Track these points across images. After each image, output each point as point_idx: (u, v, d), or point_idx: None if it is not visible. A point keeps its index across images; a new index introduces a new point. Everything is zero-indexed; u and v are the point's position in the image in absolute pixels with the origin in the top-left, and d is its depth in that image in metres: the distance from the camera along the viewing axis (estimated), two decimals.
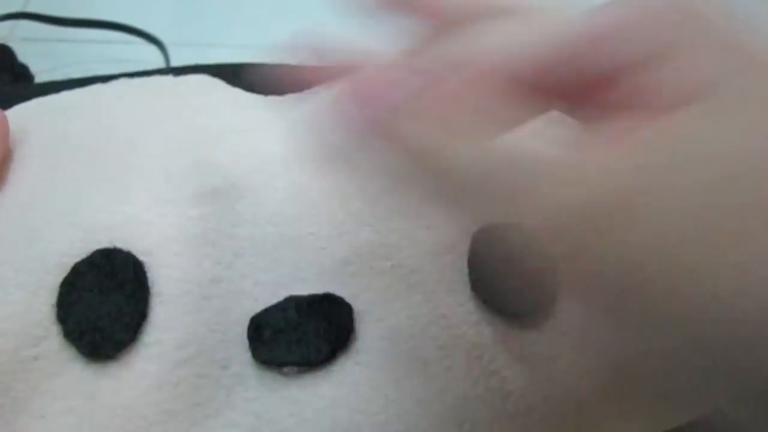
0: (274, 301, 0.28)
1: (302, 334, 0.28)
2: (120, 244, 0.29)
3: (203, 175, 0.31)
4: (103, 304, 0.28)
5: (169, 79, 0.38)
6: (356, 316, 0.28)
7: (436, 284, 0.29)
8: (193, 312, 0.28)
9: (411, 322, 0.28)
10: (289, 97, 0.36)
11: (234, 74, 0.39)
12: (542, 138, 0.24)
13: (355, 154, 0.22)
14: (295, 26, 0.67)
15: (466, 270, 0.29)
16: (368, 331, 0.28)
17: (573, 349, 0.29)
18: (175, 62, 0.59)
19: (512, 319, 0.29)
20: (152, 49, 0.59)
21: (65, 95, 0.37)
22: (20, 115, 0.35)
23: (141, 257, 0.29)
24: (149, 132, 0.33)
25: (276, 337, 0.28)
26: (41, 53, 0.58)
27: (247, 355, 0.28)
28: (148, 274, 0.28)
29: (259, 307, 0.28)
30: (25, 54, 0.57)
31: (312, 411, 0.27)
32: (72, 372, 0.28)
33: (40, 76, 0.55)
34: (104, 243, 0.29)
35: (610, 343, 0.29)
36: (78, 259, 0.29)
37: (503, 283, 0.29)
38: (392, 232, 0.30)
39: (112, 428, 0.27)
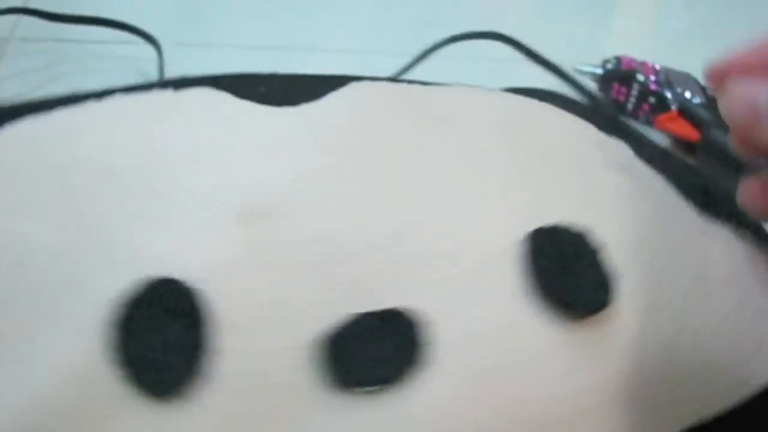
0: (336, 320, 0.27)
1: (377, 352, 0.27)
2: (168, 276, 0.28)
3: (238, 195, 0.30)
4: (160, 338, 0.27)
5: (170, 95, 0.36)
6: (427, 329, 0.28)
7: (499, 289, 0.29)
8: (256, 338, 0.27)
9: (482, 330, 0.28)
10: (303, 107, 0.35)
11: (238, 86, 0.37)
12: None
13: None
14: (294, 26, 0.67)
15: (525, 272, 0.30)
16: (440, 342, 0.27)
17: (634, 340, 0.30)
18: (174, 62, 0.59)
19: (578, 318, 0.29)
20: (150, 48, 0.59)
21: (60, 115, 0.35)
22: (13, 136, 0.33)
23: (196, 286, 0.27)
24: (168, 154, 0.32)
25: (350, 358, 0.27)
26: (41, 53, 0.58)
27: (319, 379, 0.27)
28: (205, 302, 0.27)
29: (323, 327, 0.27)
30: (25, 54, 0.57)
31: (395, 430, 0.26)
32: (135, 414, 0.26)
33: (40, 76, 0.55)
34: (152, 274, 0.27)
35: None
36: (127, 295, 0.27)
37: (564, 282, 0.29)
38: (446, 239, 0.30)
39: None
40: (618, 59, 0.60)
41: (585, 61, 0.61)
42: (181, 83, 0.37)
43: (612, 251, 0.31)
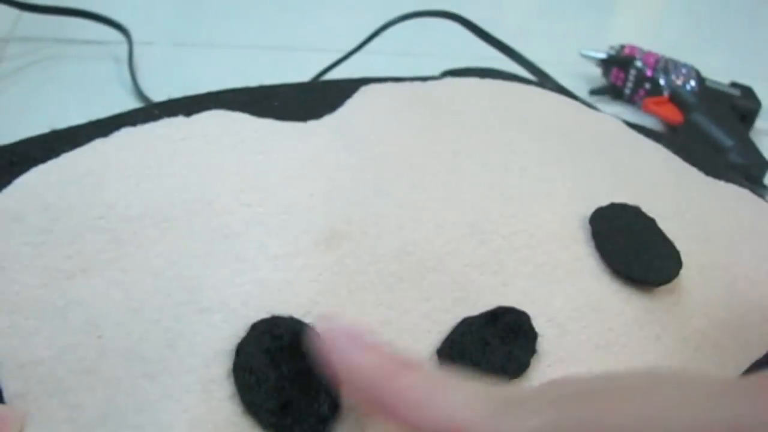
0: (447, 328, 0.28)
1: (492, 351, 0.27)
2: (266, 316, 0.26)
3: (306, 221, 0.29)
4: (287, 379, 0.25)
5: (182, 122, 0.33)
6: (531, 321, 0.28)
7: (578, 273, 0.30)
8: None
9: (577, 314, 0.29)
10: (327, 120, 0.34)
11: (242, 102, 0.35)
12: None
13: None
14: (295, 26, 0.67)
15: (596, 254, 0.31)
16: (545, 332, 0.28)
17: (701, 297, 0.32)
18: (175, 62, 0.59)
19: (653, 288, 0.31)
20: (153, 50, 0.59)
21: (71, 161, 0.31)
22: (33, 194, 0.30)
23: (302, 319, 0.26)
24: (210, 187, 0.30)
25: (470, 363, 0.27)
26: (41, 53, 0.58)
27: None
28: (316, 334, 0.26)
29: (435, 337, 0.27)
30: (24, 53, 0.57)
31: None
32: None
33: (39, 76, 0.55)
34: (252, 315, 0.26)
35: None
36: (235, 340, 0.26)
37: (634, 258, 0.31)
38: (516, 234, 0.31)
39: None
40: (622, 46, 0.62)
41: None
42: (186, 104, 0.34)
43: (660, 219, 0.33)
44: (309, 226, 0.29)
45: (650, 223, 0.33)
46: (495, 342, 0.27)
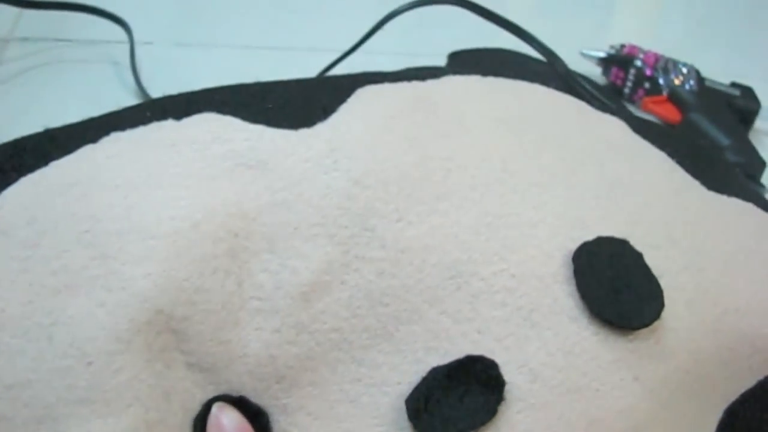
0: (416, 379, 0.28)
1: (459, 400, 0.28)
2: (247, 378, 0.28)
3: (295, 267, 0.29)
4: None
5: (173, 127, 0.32)
6: (501, 369, 0.28)
7: (556, 316, 0.30)
8: (345, 418, 0.28)
9: (550, 360, 0.29)
10: (319, 128, 0.34)
11: (234, 104, 0.34)
12: None
13: None
14: (295, 26, 0.67)
15: (576, 294, 0.30)
16: (515, 379, 0.28)
17: (686, 332, 0.31)
18: (176, 61, 0.59)
19: (630, 331, 0.30)
20: (154, 49, 0.60)
21: (61, 171, 0.30)
22: (22, 207, 0.29)
23: (275, 385, 0.28)
24: (195, 209, 0.29)
25: (436, 414, 0.27)
26: (41, 53, 0.58)
27: None
28: (285, 402, 0.28)
29: (404, 388, 0.28)
30: (24, 53, 0.58)
31: None
32: None
33: (39, 76, 0.56)
34: (233, 381, 0.28)
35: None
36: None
37: (615, 298, 0.30)
38: (499, 274, 0.30)
39: None
40: (622, 46, 0.62)
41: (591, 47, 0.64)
42: (179, 103, 0.33)
43: (650, 249, 0.32)
44: (291, 276, 0.28)
45: (637, 259, 0.32)
46: (461, 391, 0.28)
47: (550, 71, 0.54)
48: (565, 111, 0.40)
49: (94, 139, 0.31)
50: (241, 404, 0.27)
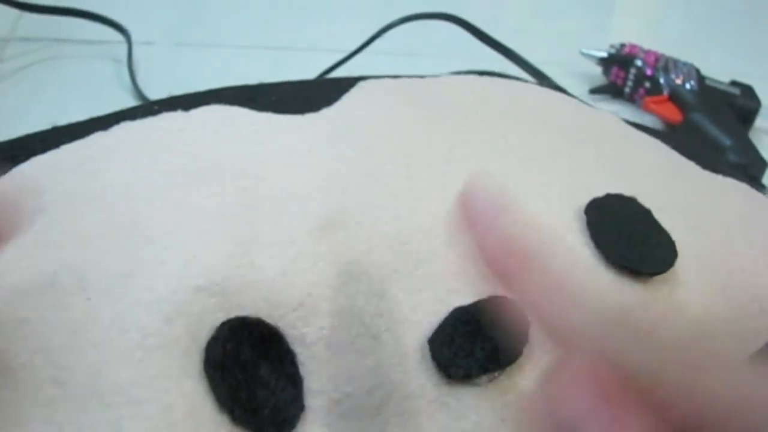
0: (437, 318, 0.28)
1: (484, 341, 0.27)
2: (262, 303, 0.27)
3: (304, 208, 0.29)
4: (257, 379, 0.26)
5: (181, 116, 0.34)
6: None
7: (573, 265, 0.30)
8: (368, 353, 0.27)
9: (571, 303, 0.29)
10: (325, 112, 0.35)
11: (240, 98, 0.35)
12: None
13: None
14: (294, 26, 0.67)
15: (591, 244, 0.31)
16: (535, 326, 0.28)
17: (698, 288, 0.32)
18: (175, 62, 0.59)
19: (647, 279, 0.31)
20: (153, 50, 0.59)
21: (72, 152, 0.32)
22: (28, 179, 0.31)
23: (291, 312, 0.27)
24: (205, 173, 0.30)
25: (459, 352, 0.27)
26: (41, 53, 0.58)
27: (436, 378, 0.27)
28: (304, 331, 0.27)
29: (426, 327, 0.27)
30: (24, 53, 0.57)
31: (514, 410, 0.27)
32: None
33: (39, 76, 0.55)
34: (247, 307, 0.26)
35: None
36: (220, 336, 0.26)
37: (630, 247, 0.31)
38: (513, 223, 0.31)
39: None
40: (622, 45, 0.62)
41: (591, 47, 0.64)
42: (186, 101, 0.35)
43: (656, 211, 0.33)
44: (304, 214, 0.29)
45: (646, 214, 0.33)
46: (486, 331, 0.27)
47: None
48: (562, 104, 0.41)
49: (104, 130, 0.33)
50: (258, 327, 0.26)
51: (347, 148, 0.32)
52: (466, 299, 0.28)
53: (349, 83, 0.38)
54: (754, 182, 0.51)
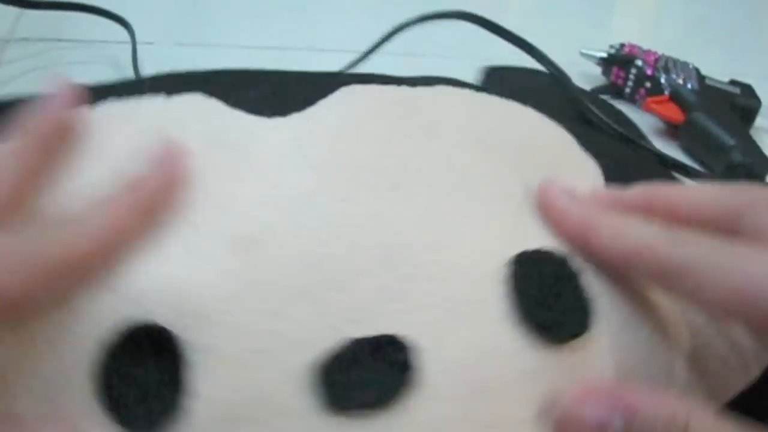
0: (329, 345, 0.28)
1: (366, 376, 0.28)
2: (168, 310, 0.28)
3: (236, 225, 0.30)
4: (138, 380, 0.27)
5: (161, 103, 0.36)
6: (416, 354, 0.28)
7: (484, 314, 0.30)
8: (253, 367, 0.28)
9: (466, 354, 0.29)
10: (293, 118, 0.35)
11: (227, 92, 0.37)
12: None
13: None
14: (294, 26, 0.67)
15: (509, 296, 0.30)
16: (429, 367, 0.28)
17: (615, 368, 0.30)
18: (177, 61, 0.59)
19: (559, 342, 0.30)
20: (155, 49, 0.59)
21: None
22: None
23: (192, 321, 0.28)
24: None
25: (340, 382, 0.27)
26: (41, 53, 0.58)
27: (313, 402, 0.27)
28: (196, 338, 0.28)
29: (317, 353, 0.28)
30: (24, 53, 0.57)
31: None
32: None
33: (39, 76, 0.55)
34: (154, 312, 0.28)
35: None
36: (114, 333, 0.28)
37: (548, 307, 0.30)
38: (432, 263, 0.30)
39: None
40: (622, 45, 0.62)
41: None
42: (172, 83, 0.37)
43: (592, 272, 0.31)
44: (229, 227, 0.30)
45: (574, 275, 0.31)
46: (371, 368, 0.28)
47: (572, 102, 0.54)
48: (547, 140, 0.40)
49: (92, 103, 0.35)
50: (154, 328, 0.27)
51: (297, 162, 0.33)
52: (361, 332, 0.28)
53: (332, 84, 0.38)
54: (759, 182, 0.51)
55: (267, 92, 0.37)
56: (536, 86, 0.55)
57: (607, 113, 0.53)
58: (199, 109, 0.35)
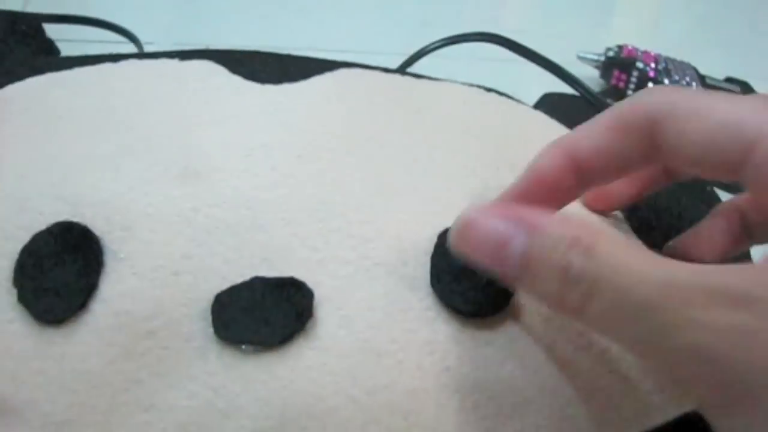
0: (240, 280, 0.29)
1: (263, 314, 0.28)
2: (101, 220, 0.30)
3: (188, 157, 0.32)
4: (57, 272, 0.29)
5: (173, 63, 0.39)
6: (317, 303, 0.29)
7: (398, 279, 0.30)
8: (162, 286, 0.29)
9: (369, 314, 0.29)
10: (284, 87, 0.37)
11: (238, 61, 0.39)
12: None
13: None
14: (294, 26, 0.67)
15: (428, 267, 0.30)
16: (327, 318, 0.29)
17: (521, 354, 0.29)
18: None
19: (468, 319, 0.29)
20: (151, 48, 0.59)
21: (76, 72, 0.39)
22: (31, 86, 0.38)
23: (119, 232, 0.30)
24: (146, 115, 0.35)
25: (237, 316, 0.28)
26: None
27: (210, 331, 0.28)
28: (117, 247, 0.30)
29: (226, 285, 0.29)
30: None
31: (265, 390, 0.28)
32: (39, 336, 0.29)
33: None
34: (87, 217, 0.30)
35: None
36: (42, 225, 0.30)
37: (464, 283, 0.30)
38: (363, 224, 0.31)
39: (79, 392, 0.28)
40: (620, 47, 0.61)
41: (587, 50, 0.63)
42: (188, 55, 0.40)
43: None
44: (183, 162, 0.32)
45: None
46: (268, 307, 0.29)
47: None
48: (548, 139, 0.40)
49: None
50: (82, 233, 0.30)
51: (269, 120, 0.35)
52: (272, 272, 0.29)
53: (333, 67, 0.39)
54: None
55: (270, 67, 0.39)
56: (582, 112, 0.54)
57: None
58: (202, 71, 0.38)
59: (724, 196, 0.47)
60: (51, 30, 0.58)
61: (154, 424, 0.28)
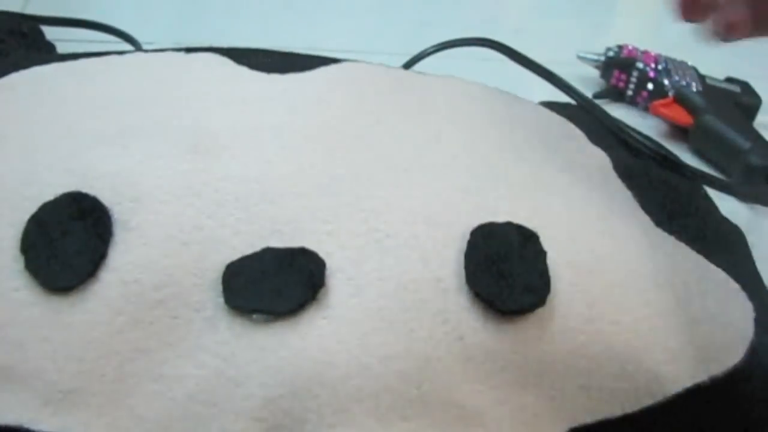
0: (251, 251, 0.29)
1: (274, 284, 0.29)
2: (109, 191, 0.30)
3: (197, 135, 0.33)
4: (65, 241, 0.29)
5: (180, 55, 0.40)
6: (328, 272, 0.29)
7: (410, 251, 0.30)
8: (172, 255, 0.29)
9: (380, 283, 0.29)
10: (291, 76, 0.38)
11: (242, 55, 0.40)
12: None
13: None
14: (295, 26, 0.67)
15: (440, 240, 0.30)
16: (338, 287, 0.29)
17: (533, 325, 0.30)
18: None
19: (506, 314, 0.30)
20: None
21: (82, 61, 0.40)
22: (37, 73, 0.38)
23: (129, 203, 0.30)
24: (154, 98, 0.36)
25: (249, 285, 0.29)
26: None
27: (219, 300, 0.29)
28: (127, 218, 0.30)
29: (237, 255, 0.29)
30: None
31: (276, 359, 0.28)
32: (46, 303, 0.29)
33: None
34: (96, 188, 0.30)
35: None
36: (51, 196, 0.30)
37: (495, 280, 0.30)
38: (373, 198, 0.31)
39: (86, 360, 0.28)
40: (620, 47, 0.61)
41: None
42: (193, 50, 0.41)
43: (553, 252, 0.31)
44: (192, 140, 0.33)
45: (534, 252, 0.31)
46: (279, 277, 0.29)
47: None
48: (550, 128, 0.40)
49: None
50: (92, 203, 0.30)
51: (278, 104, 0.36)
52: (282, 243, 0.30)
53: (337, 61, 0.41)
54: None
55: (275, 60, 0.40)
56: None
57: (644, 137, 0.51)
58: (208, 61, 0.39)
59: (722, 196, 0.47)
60: (50, 32, 0.58)
61: (163, 393, 0.28)
